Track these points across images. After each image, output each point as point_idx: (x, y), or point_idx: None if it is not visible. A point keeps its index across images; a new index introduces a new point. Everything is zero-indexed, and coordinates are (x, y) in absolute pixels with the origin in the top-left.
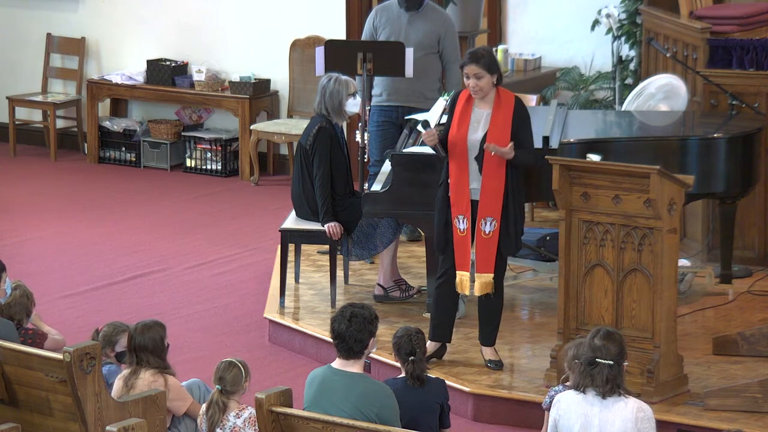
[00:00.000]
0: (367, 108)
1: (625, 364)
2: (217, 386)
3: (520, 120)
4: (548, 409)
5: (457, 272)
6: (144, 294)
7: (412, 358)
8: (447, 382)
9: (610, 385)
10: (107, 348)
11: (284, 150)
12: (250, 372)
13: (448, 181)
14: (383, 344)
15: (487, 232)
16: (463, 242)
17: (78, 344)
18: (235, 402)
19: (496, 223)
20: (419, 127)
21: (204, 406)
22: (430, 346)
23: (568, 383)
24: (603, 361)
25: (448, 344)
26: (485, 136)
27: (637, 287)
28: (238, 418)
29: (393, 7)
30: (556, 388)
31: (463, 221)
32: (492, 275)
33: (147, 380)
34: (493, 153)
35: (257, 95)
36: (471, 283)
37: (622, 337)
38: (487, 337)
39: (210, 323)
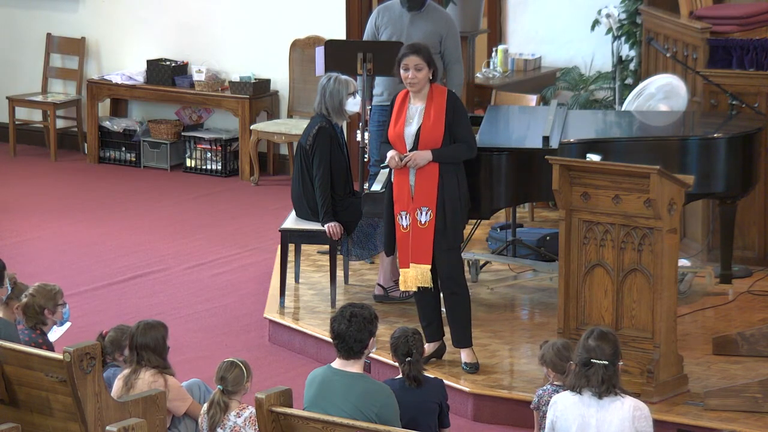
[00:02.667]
0: (368, 108)
1: (620, 363)
2: (218, 386)
3: (454, 113)
4: (536, 409)
5: (400, 270)
6: (144, 294)
7: (408, 359)
8: (447, 382)
9: (606, 386)
10: (116, 352)
11: (284, 150)
12: (252, 372)
13: (392, 180)
14: (383, 344)
15: (422, 222)
16: (406, 239)
17: (78, 344)
18: (236, 402)
19: (432, 214)
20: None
21: (205, 406)
22: (429, 346)
23: (557, 382)
24: (598, 361)
25: (446, 344)
26: (419, 129)
27: (637, 287)
28: (239, 417)
29: (395, 7)
30: (545, 387)
31: (405, 218)
32: (428, 266)
33: (147, 380)
34: (413, 166)
35: (257, 95)
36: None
37: (617, 336)
38: (459, 340)
39: (210, 323)
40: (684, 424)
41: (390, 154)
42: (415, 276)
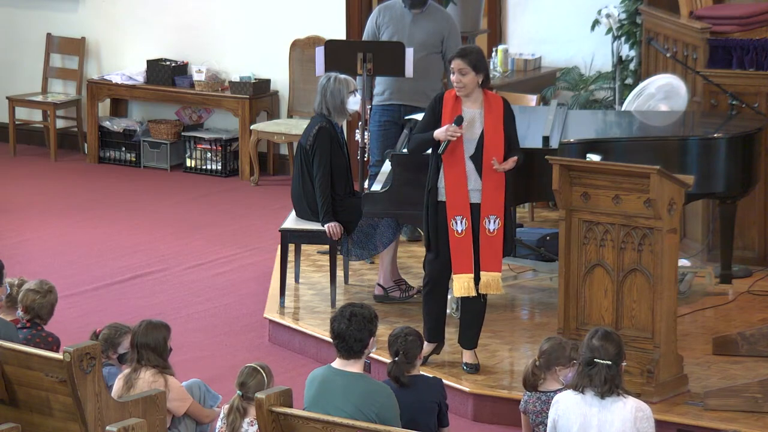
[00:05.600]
0: (368, 107)
1: (624, 364)
2: (238, 392)
3: (510, 122)
4: (524, 412)
5: (455, 276)
6: (144, 294)
7: (395, 359)
8: (447, 382)
9: (608, 386)
10: (109, 350)
11: (284, 150)
12: (273, 375)
13: (438, 185)
14: (383, 344)
15: (491, 230)
16: (462, 244)
17: (78, 344)
18: (254, 407)
19: (500, 221)
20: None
21: (224, 411)
22: (428, 346)
23: (541, 388)
24: (601, 361)
25: (445, 342)
26: (482, 134)
27: (637, 287)
28: (252, 426)
29: (396, 7)
30: (530, 393)
31: (461, 222)
32: (499, 273)
33: (147, 380)
34: (499, 169)
35: (257, 95)
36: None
37: (620, 337)
38: (469, 341)
39: (210, 323)
40: (684, 424)
41: (444, 129)
42: (487, 283)
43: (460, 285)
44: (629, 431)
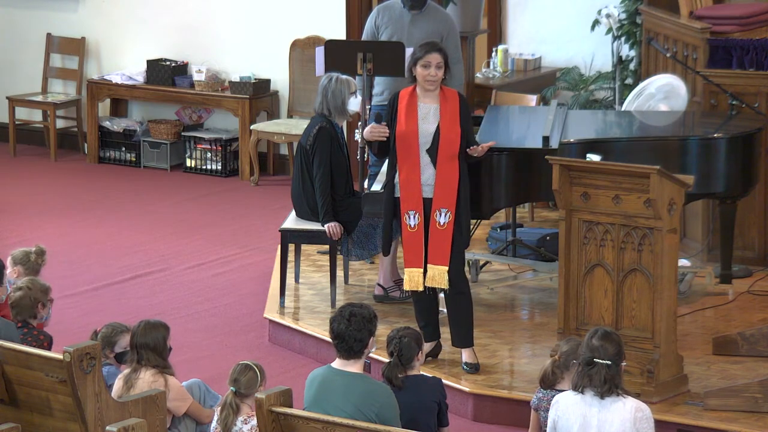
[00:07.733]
0: (368, 107)
1: (624, 364)
2: (231, 388)
3: (466, 117)
4: (536, 409)
5: (406, 269)
6: (144, 294)
7: (389, 360)
8: (447, 382)
9: (608, 386)
10: (106, 349)
11: (284, 150)
12: (266, 375)
13: (394, 181)
14: (383, 344)
15: (441, 224)
16: (413, 238)
17: (78, 344)
18: (247, 406)
19: (451, 215)
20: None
21: (218, 408)
22: (426, 346)
23: (558, 387)
24: (601, 361)
25: (442, 344)
26: (438, 127)
27: (637, 287)
28: (245, 424)
29: (395, 7)
30: (545, 391)
31: (414, 217)
32: (446, 267)
33: (147, 380)
34: (477, 155)
35: (257, 95)
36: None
37: (620, 337)
38: (462, 340)
39: (210, 323)
40: (684, 424)
41: (369, 129)
42: (433, 277)
43: (409, 278)
44: (629, 431)
